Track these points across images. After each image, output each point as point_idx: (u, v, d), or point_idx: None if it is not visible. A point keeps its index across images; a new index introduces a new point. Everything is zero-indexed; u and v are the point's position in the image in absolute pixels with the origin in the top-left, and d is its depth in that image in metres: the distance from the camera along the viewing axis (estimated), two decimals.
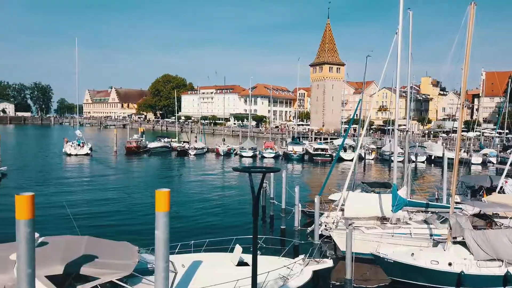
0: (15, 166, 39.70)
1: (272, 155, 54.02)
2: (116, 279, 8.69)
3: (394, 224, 16.78)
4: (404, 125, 24.58)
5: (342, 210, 17.69)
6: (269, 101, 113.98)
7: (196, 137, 69.83)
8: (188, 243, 12.48)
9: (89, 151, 53.34)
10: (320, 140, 75.47)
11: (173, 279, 9.56)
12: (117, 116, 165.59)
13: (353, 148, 54.05)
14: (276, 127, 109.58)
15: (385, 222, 17.21)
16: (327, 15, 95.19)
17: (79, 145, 53.80)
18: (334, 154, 53.78)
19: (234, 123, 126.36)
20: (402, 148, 23.79)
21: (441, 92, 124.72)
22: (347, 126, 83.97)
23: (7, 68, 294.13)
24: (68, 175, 37.43)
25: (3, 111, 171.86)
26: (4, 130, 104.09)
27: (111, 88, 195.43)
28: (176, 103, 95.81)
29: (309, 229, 17.51)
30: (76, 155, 51.75)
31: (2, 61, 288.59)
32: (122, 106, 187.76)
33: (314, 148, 55.86)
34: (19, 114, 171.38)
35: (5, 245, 10.13)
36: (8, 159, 44.15)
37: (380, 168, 48.30)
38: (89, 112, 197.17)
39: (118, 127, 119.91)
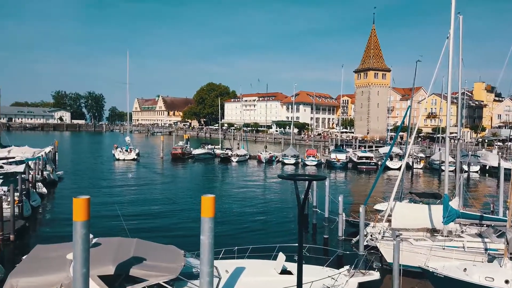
0: (70, 170, 42.27)
1: (315, 162, 53.38)
2: (163, 282, 8.95)
3: (445, 236, 15.93)
4: (455, 133, 23.37)
5: (389, 220, 17.09)
6: (311, 108, 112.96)
7: (238, 144, 70.64)
8: (231, 249, 12.61)
9: (135, 156, 56.21)
10: (365, 148, 73.53)
11: (217, 285, 9.68)
12: (164, 124, 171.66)
13: (400, 157, 52.18)
14: (319, 134, 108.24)
15: (435, 234, 16.40)
16: (372, 20, 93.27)
17: (126, 150, 57.03)
18: (379, 163, 52.24)
19: (276, 130, 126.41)
20: (453, 157, 22.59)
21: (496, 98, 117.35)
22: (393, 133, 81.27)
23: (65, 78, 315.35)
24: (118, 179, 39.22)
25: (61, 118, 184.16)
26: (61, 137, 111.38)
27: (158, 97, 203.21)
28: (219, 110, 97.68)
29: (354, 239, 17.06)
30: (124, 160, 54.88)
31: (61, 71, 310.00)
32: (168, 113, 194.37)
33: (358, 156, 54.51)
34: (75, 121, 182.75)
35: (62, 245, 10.79)
36: (64, 163, 47.19)
37: (429, 178, 46.13)
38: (137, 120, 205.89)
39: (165, 134, 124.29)
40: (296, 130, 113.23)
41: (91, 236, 9.04)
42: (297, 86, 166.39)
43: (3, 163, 32.26)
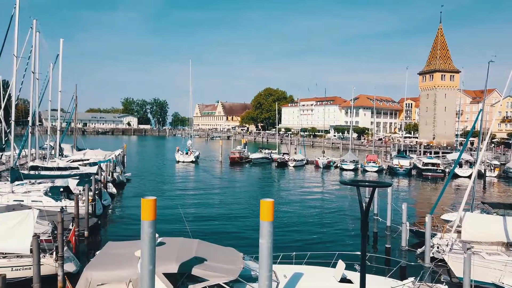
0: (137, 172, 44.90)
1: (375, 168, 51.45)
2: (223, 283, 9.15)
3: None
4: None
5: (458, 232, 15.94)
6: (372, 112, 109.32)
7: (295, 148, 70.34)
8: (289, 254, 12.54)
9: (194, 159, 59.48)
10: (431, 154, 69.45)
11: None
12: (222, 128, 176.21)
13: (471, 164, 48.60)
14: (380, 139, 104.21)
15: (511, 248, 14.99)
16: (439, 19, 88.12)
17: (186, 153, 60.84)
18: (447, 170, 49.08)
19: (334, 135, 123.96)
20: None
21: None
22: (462, 139, 75.84)
23: (133, 86, 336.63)
24: (180, 181, 40.91)
25: (128, 124, 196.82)
26: (129, 141, 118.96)
27: (218, 102, 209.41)
28: (276, 115, 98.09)
29: (419, 250, 16.15)
30: (183, 162, 58.71)
31: (129, 79, 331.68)
32: (227, 118, 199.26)
33: (423, 162, 51.55)
34: (141, 126, 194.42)
35: (130, 242, 11.49)
36: (132, 166, 50.31)
37: (505, 187, 42.32)
38: (198, 125, 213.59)
39: (223, 138, 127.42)
40: (355, 135, 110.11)
41: (156, 235, 9.52)
42: (357, 89, 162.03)
43: (79, 165, 35.16)
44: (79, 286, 9.25)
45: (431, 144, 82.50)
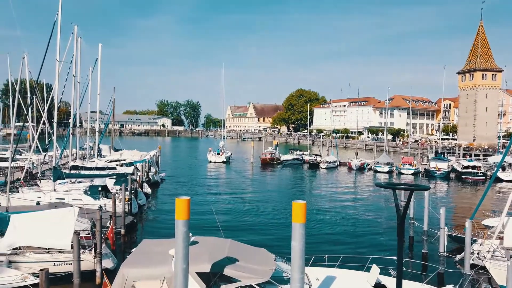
0: (171, 172, 45.90)
1: (411, 171, 49.86)
2: (255, 284, 9.17)
3: None
4: None
5: (501, 238, 15.16)
6: (407, 113, 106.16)
7: (327, 150, 69.48)
8: (321, 257, 12.39)
9: (225, 159, 60.70)
10: (471, 156, 66.48)
11: None
12: (254, 130, 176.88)
13: None
14: (416, 141, 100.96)
15: None
16: (480, 16, 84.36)
17: (218, 154, 62.47)
18: (489, 173, 46.83)
19: (368, 137, 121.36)
20: None
21: None
22: (505, 141, 72.09)
23: (167, 88, 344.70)
24: (212, 182, 41.44)
25: (163, 125, 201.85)
26: (163, 142, 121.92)
27: (249, 104, 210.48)
28: (308, 116, 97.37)
29: (458, 256, 15.50)
30: (215, 162, 60.21)
31: (164, 82, 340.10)
32: (258, 120, 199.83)
33: (463, 165, 49.43)
34: (174, 128, 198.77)
35: (164, 240, 11.75)
36: (166, 166, 51.52)
37: None
38: (229, 126, 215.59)
39: (254, 140, 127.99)
40: (390, 137, 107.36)
41: (189, 234, 9.69)
42: (392, 90, 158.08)
43: (116, 165, 36.42)
44: (116, 282, 9.57)
45: (471, 146, 78.96)
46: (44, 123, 32.42)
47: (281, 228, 21.91)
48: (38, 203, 20.47)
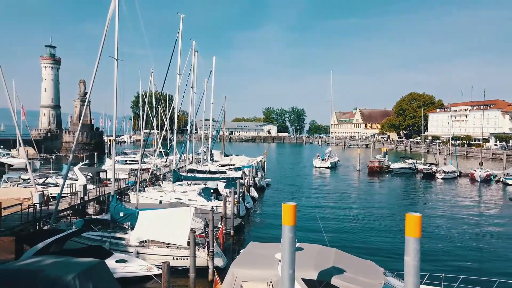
0: (276, 178, 46.92)
1: None
2: None
3: None
4: None
5: None
6: None
7: (445, 159, 63.15)
8: (438, 276, 11.29)
9: (329, 165, 61.11)
10: None
11: None
12: (360, 136, 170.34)
13: None
14: None
15: None
16: None
17: (323, 159, 63.37)
18: None
19: (495, 144, 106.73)
20: None
21: None
22: None
23: (274, 95, 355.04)
24: (317, 188, 41.08)
25: (269, 132, 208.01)
26: (269, 148, 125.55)
27: (356, 109, 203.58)
28: (422, 122, 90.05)
29: None
30: (319, 167, 61.32)
31: (271, 90, 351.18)
32: (366, 126, 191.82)
33: None
34: (280, 134, 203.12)
35: (270, 244, 12.06)
36: (271, 171, 52.88)
37: None
38: (334, 132, 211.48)
39: (361, 146, 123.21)
40: None
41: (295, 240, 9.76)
42: None
43: (226, 169, 38.75)
44: (226, 280, 10.14)
45: None
46: (166, 130, 36.30)
47: (390, 241, 20.63)
48: (160, 202, 22.94)
